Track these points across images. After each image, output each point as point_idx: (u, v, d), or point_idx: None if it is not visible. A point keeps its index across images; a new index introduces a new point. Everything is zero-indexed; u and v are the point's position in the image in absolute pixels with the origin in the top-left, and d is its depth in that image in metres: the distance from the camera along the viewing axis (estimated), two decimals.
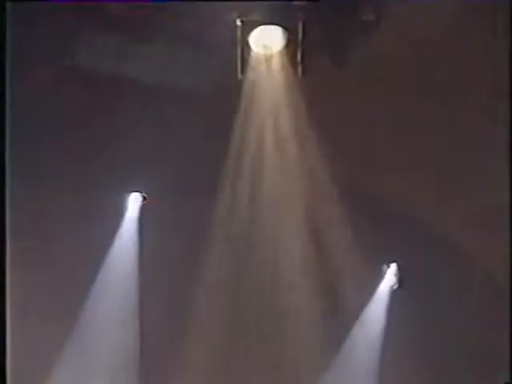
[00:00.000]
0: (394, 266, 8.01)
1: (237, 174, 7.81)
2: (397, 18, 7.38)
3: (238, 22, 6.82)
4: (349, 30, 7.11)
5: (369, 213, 7.68)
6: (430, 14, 7.62)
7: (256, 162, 7.74)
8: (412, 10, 7.52)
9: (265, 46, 6.96)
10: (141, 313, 7.92)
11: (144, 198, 8.15)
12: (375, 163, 7.58)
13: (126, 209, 8.15)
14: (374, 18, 6.95)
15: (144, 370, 7.83)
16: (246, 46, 6.97)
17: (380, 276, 8.11)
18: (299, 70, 7.01)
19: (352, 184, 7.65)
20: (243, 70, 7.07)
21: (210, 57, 7.27)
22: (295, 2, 6.88)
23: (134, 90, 7.35)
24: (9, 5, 5.72)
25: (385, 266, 8.03)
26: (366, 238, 7.66)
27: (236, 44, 6.95)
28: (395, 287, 8.06)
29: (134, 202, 8.11)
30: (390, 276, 8.06)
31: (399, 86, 7.35)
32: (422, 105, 7.38)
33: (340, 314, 8.05)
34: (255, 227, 7.80)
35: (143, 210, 8.20)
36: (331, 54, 7.14)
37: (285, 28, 6.89)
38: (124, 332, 7.91)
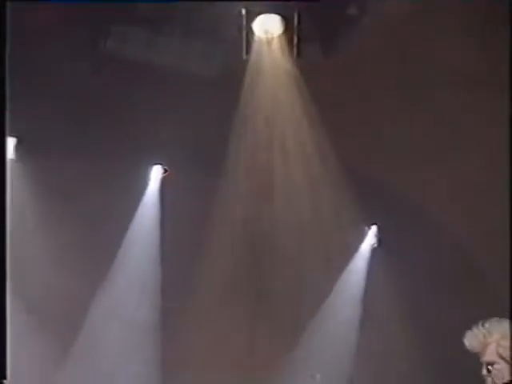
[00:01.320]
0: (374, 228, 8.25)
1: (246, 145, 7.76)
2: (383, 13, 7.21)
3: (243, 12, 6.98)
4: (337, 21, 7.18)
5: (357, 184, 7.68)
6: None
7: (258, 130, 7.74)
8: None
9: (266, 31, 7.15)
10: (162, 280, 7.97)
11: (165, 171, 8.23)
12: (365, 139, 7.66)
13: (149, 181, 8.21)
14: (358, 12, 7.00)
15: (163, 331, 7.89)
16: (250, 32, 7.14)
17: (362, 236, 8.35)
18: (295, 51, 7.16)
19: (343, 158, 7.66)
20: (248, 52, 7.22)
21: (220, 43, 7.30)
22: None
23: (156, 74, 7.38)
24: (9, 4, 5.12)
25: (366, 228, 8.28)
26: (352, 204, 7.73)
27: (241, 30, 7.09)
28: (375, 246, 8.28)
29: (155, 175, 8.20)
30: (371, 236, 8.30)
31: (386, 73, 7.38)
32: (408, 91, 7.42)
33: (327, 268, 8.16)
34: (264, 197, 7.87)
35: (164, 182, 8.21)
36: (320, 40, 7.27)
37: (283, 16, 7.06)
38: (143, 301, 7.99)
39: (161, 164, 8.14)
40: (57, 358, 7.66)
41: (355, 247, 8.35)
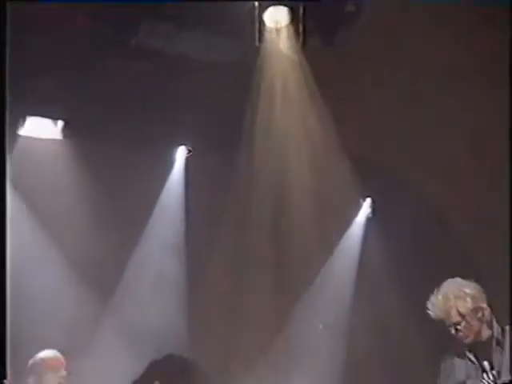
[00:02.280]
0: (368, 200, 8.46)
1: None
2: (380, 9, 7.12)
3: (256, 4, 7.06)
4: (338, 14, 7.18)
5: (355, 162, 7.72)
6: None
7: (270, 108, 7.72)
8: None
9: (276, 22, 7.24)
10: (187, 243, 8.02)
11: (189, 151, 8.33)
12: (364, 122, 7.67)
13: (174, 161, 8.27)
14: (355, 9, 7.03)
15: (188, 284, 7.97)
16: (261, 23, 7.20)
17: (358, 208, 8.57)
18: (300, 39, 7.20)
19: (343, 137, 7.64)
20: (260, 40, 7.24)
21: (236, 33, 7.28)
22: None
23: (180, 63, 7.29)
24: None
25: (361, 200, 8.48)
26: (349, 179, 7.76)
27: (254, 22, 7.14)
28: (369, 216, 8.52)
29: (180, 154, 8.28)
30: (366, 207, 8.54)
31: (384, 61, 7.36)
32: (407, 78, 7.36)
33: (329, 234, 8.32)
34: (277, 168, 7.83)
35: (188, 162, 8.31)
36: (322, 30, 7.30)
37: (290, 8, 7.14)
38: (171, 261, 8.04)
39: (185, 145, 8.23)
40: (96, 308, 7.67)
41: (353, 217, 8.56)
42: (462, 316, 5.41)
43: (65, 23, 6.52)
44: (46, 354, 6.55)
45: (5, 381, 4.29)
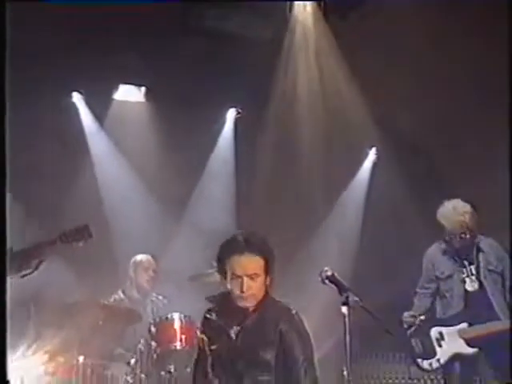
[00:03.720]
0: (374, 149, 8.57)
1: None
2: None
3: None
4: None
5: (365, 117, 7.74)
6: None
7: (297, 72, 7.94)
8: None
9: (303, 2, 7.70)
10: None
11: (238, 112, 8.50)
12: (372, 81, 7.46)
13: (225, 121, 8.46)
14: None
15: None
16: (291, 4, 7.66)
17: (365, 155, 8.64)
18: (322, 15, 7.62)
19: (356, 92, 7.66)
20: (291, 16, 7.68)
21: (270, 13, 7.47)
22: None
23: (228, 38, 7.39)
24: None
25: (367, 149, 8.58)
26: (359, 131, 7.90)
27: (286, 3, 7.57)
28: (375, 162, 8.59)
29: (231, 116, 8.50)
30: (372, 155, 8.63)
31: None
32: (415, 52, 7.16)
33: (340, 178, 8.39)
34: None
35: (238, 122, 8.51)
36: (338, 9, 7.54)
37: None
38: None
39: (235, 107, 8.44)
40: (174, 223, 7.91)
41: (360, 163, 8.66)
42: (468, 228, 5.53)
43: (141, 10, 6.67)
44: (141, 257, 6.95)
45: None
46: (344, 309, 3.29)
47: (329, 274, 3.44)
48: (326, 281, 3.45)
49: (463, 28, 6.77)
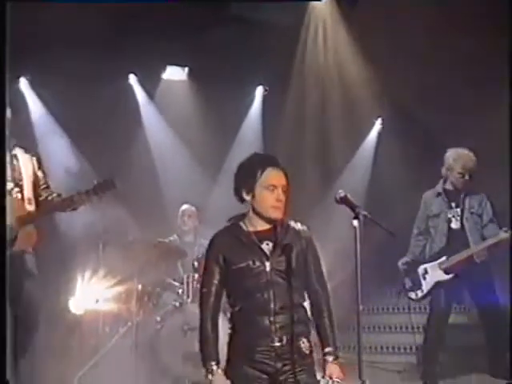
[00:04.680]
0: (379, 119, 8.72)
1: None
2: None
3: None
4: None
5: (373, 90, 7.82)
6: None
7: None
8: None
9: None
10: None
11: (265, 90, 8.65)
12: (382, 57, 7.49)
13: (254, 97, 8.64)
14: None
15: None
16: None
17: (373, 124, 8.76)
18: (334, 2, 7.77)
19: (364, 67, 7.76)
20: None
21: (292, 3, 7.64)
22: None
23: (255, 25, 7.52)
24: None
25: (374, 119, 8.71)
26: (366, 102, 8.06)
27: None
28: (382, 127, 8.67)
29: (259, 92, 8.71)
30: (378, 124, 8.77)
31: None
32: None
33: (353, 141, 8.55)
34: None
35: (265, 97, 8.67)
36: None
37: None
38: None
39: (263, 85, 8.65)
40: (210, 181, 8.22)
41: (368, 131, 8.82)
42: (468, 172, 5.71)
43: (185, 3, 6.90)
44: (186, 206, 7.27)
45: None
46: (355, 222, 3.23)
47: (342, 195, 3.34)
48: (340, 201, 3.35)
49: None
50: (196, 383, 5.52)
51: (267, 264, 3.38)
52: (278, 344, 3.32)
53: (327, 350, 3.38)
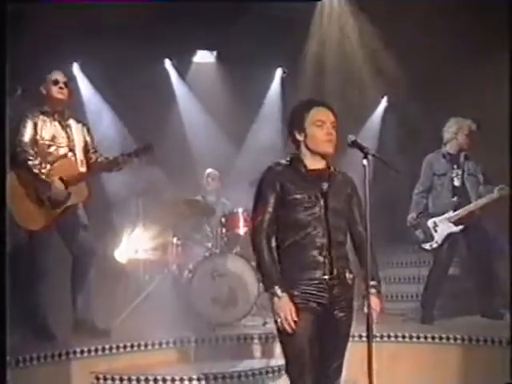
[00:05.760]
0: (385, 97, 8.76)
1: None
2: None
3: None
4: None
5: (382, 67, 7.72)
6: None
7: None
8: None
9: None
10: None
11: (284, 72, 8.69)
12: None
13: (274, 77, 8.66)
14: None
15: None
16: None
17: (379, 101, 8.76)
18: None
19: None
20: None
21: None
22: None
23: (283, 18, 7.45)
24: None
25: (381, 97, 8.73)
26: (374, 80, 7.98)
27: None
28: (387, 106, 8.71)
29: (278, 73, 8.77)
30: (384, 101, 8.82)
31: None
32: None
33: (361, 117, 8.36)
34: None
35: (283, 78, 8.71)
36: None
37: None
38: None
39: (282, 67, 8.70)
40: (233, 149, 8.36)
41: (376, 105, 8.82)
42: (474, 132, 5.86)
43: None
44: (210, 170, 7.38)
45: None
46: (364, 161, 3.20)
47: (353, 139, 3.30)
48: (352, 144, 3.30)
49: None
50: (221, 324, 5.72)
51: (322, 200, 3.31)
52: (328, 276, 3.28)
53: (372, 283, 3.34)
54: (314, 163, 3.39)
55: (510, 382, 4.10)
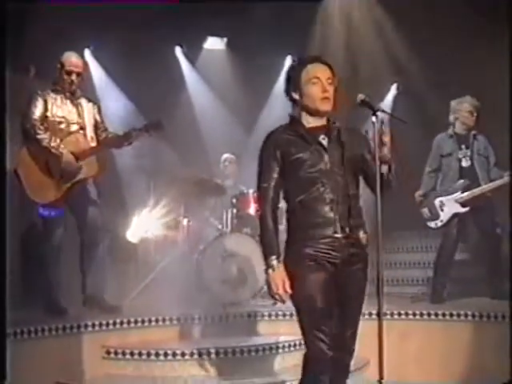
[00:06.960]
0: (395, 84, 8.63)
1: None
2: None
3: None
4: None
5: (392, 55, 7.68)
6: None
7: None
8: None
9: None
10: None
11: (294, 61, 7.74)
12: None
13: (284, 65, 8.16)
14: None
15: None
16: None
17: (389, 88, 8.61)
18: None
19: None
20: None
21: None
22: None
23: (294, 9, 7.35)
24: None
25: (390, 83, 8.62)
26: (385, 68, 7.93)
27: None
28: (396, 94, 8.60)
29: (288, 61, 8.34)
30: (394, 88, 8.68)
31: None
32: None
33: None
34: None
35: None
36: None
37: None
38: None
39: (291, 54, 8.33)
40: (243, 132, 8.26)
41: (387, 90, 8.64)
42: (478, 108, 5.78)
43: None
44: (226, 155, 7.22)
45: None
46: (373, 118, 3.11)
47: (362, 98, 3.19)
48: (361, 103, 3.20)
49: None
50: (230, 303, 5.67)
51: (325, 156, 3.20)
52: (340, 235, 3.15)
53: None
54: (312, 121, 3.28)
55: (510, 382, 4.07)
